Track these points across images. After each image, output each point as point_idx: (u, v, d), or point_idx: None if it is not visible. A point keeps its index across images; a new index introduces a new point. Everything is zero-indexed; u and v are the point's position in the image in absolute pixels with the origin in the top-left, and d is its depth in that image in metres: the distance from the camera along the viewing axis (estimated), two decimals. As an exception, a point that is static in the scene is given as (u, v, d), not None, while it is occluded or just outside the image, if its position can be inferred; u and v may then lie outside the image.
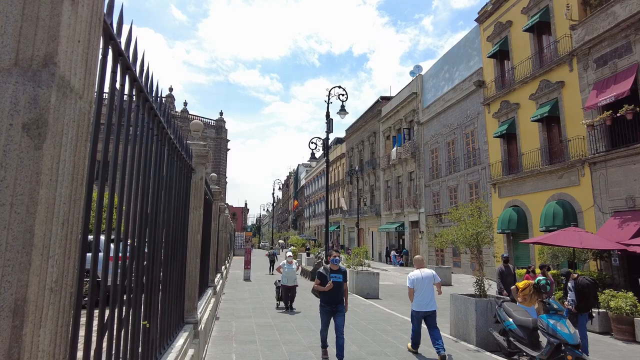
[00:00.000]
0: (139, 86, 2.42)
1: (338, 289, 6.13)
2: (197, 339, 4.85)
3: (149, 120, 2.80)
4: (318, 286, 6.20)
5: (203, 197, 5.59)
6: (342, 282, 6.18)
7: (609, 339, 9.02)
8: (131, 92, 2.38)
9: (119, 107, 2.13)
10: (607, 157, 14.12)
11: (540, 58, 18.31)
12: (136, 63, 2.29)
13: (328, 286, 6.07)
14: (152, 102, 2.88)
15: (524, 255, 18.98)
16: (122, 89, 2.13)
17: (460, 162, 24.72)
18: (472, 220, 7.84)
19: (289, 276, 10.58)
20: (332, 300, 6.11)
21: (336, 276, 6.19)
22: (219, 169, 63.55)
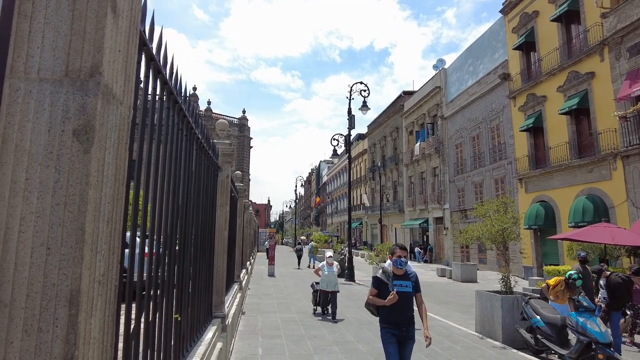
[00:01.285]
0: (169, 89, 2.51)
1: (406, 303, 4.20)
2: (224, 333, 4.99)
3: (178, 121, 2.90)
4: (375, 298, 4.30)
5: (229, 194, 5.71)
6: (412, 293, 4.28)
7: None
8: (162, 95, 2.48)
9: (151, 110, 2.23)
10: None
11: (568, 48, 17.76)
12: (166, 67, 2.38)
13: (390, 299, 4.08)
14: (182, 104, 2.99)
15: (552, 251, 18.53)
16: (154, 92, 2.23)
17: (485, 157, 24.27)
18: (498, 216, 7.73)
19: (329, 280, 9.13)
20: (399, 320, 4.18)
21: (403, 284, 4.24)
22: (242, 166, 64.36)
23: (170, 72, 2.50)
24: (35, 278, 0.99)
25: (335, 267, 9.58)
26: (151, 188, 2.42)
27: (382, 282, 4.29)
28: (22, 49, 1.06)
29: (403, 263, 4.27)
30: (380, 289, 4.30)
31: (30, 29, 1.07)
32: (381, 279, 4.32)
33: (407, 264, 4.33)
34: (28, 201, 1.02)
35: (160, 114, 2.42)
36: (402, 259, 4.26)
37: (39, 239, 1.01)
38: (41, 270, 1.00)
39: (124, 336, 1.91)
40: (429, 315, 9.67)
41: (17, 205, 1.01)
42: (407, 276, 4.32)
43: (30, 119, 1.04)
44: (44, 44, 1.07)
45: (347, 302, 11.20)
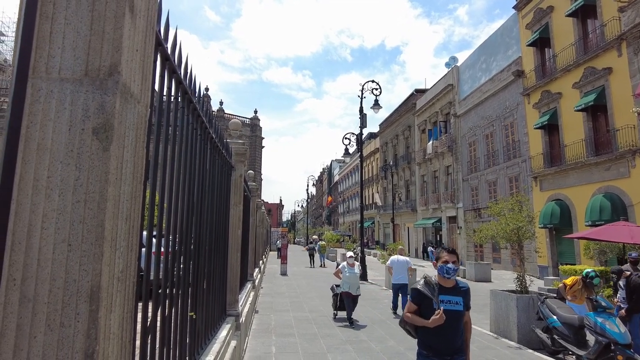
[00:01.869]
0: (183, 89, 2.54)
1: (455, 325, 3.19)
2: (238, 331, 5.02)
3: (192, 120, 2.93)
4: (414, 317, 3.28)
5: (242, 193, 5.75)
6: (463, 312, 3.27)
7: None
8: (177, 95, 2.51)
9: (166, 109, 2.25)
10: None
11: (584, 44, 17.44)
12: (180, 66, 2.41)
13: (435, 320, 3.10)
14: (196, 103, 3.01)
15: (568, 251, 18.23)
16: (169, 91, 2.25)
17: (499, 155, 23.98)
18: (513, 215, 7.63)
19: (352, 282, 8.58)
20: (444, 347, 3.18)
21: (452, 300, 3.23)
22: (254, 166, 64.66)
23: (184, 72, 2.52)
24: (57, 274, 1.01)
25: (357, 267, 9.00)
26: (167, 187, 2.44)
27: (424, 295, 3.24)
28: (43, 50, 1.08)
29: (451, 271, 3.22)
30: (421, 304, 3.26)
31: (52, 30, 1.09)
32: (423, 293, 3.26)
33: (456, 272, 3.26)
34: (50, 199, 1.04)
35: (175, 114, 2.44)
36: (450, 265, 3.22)
37: (60, 236, 1.03)
38: (63, 266, 1.02)
39: (140, 333, 1.94)
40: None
41: (40, 203, 1.03)
42: (458, 290, 3.30)
43: (52, 118, 1.06)
44: (65, 44, 1.09)
45: (360, 301, 11.16)
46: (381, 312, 9.54)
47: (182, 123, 2.66)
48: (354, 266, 8.90)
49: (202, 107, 3.16)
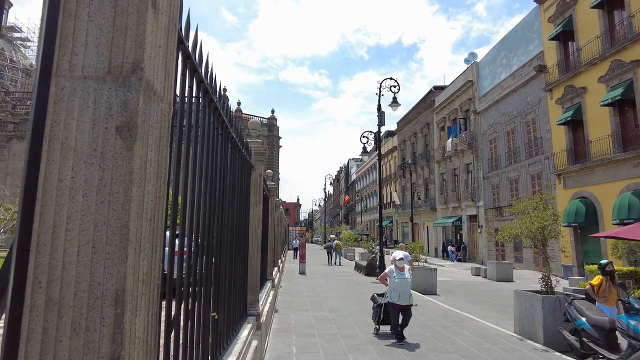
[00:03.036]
0: (204, 88, 2.52)
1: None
2: (259, 331, 5.01)
3: (213, 120, 2.91)
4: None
5: (262, 193, 5.74)
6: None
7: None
8: (198, 94, 2.49)
9: (188, 108, 2.23)
10: (692, 142, 12.78)
11: (611, 36, 16.89)
12: (202, 65, 2.38)
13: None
14: (217, 103, 3.00)
15: (594, 250, 17.71)
16: (190, 91, 2.23)
17: (521, 152, 23.47)
18: (538, 213, 7.42)
19: (402, 290, 6.93)
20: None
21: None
22: (272, 165, 64.97)
23: (205, 71, 2.50)
24: (82, 277, 0.99)
25: (408, 272, 7.26)
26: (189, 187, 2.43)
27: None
28: (67, 48, 1.06)
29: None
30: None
31: (75, 27, 1.07)
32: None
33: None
34: (74, 199, 1.01)
35: (197, 113, 2.43)
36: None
37: (84, 238, 1.00)
38: (87, 268, 0.99)
39: (164, 333, 1.93)
40: (464, 315, 9.46)
41: (64, 204, 1.01)
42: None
43: (75, 117, 1.04)
44: (88, 41, 1.07)
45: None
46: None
47: (203, 122, 2.65)
48: (405, 270, 7.18)
49: (222, 106, 3.14)
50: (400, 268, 7.14)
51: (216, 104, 2.94)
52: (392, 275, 7.09)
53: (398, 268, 7.13)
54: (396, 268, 7.14)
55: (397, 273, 7.07)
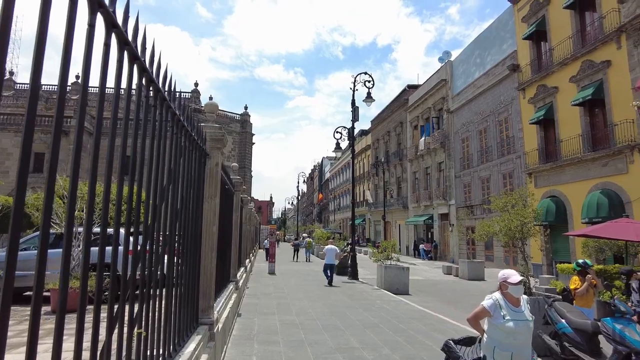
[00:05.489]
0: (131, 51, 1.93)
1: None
2: (212, 342, 4.37)
3: (141, 83, 2.26)
4: None
5: (219, 185, 5.08)
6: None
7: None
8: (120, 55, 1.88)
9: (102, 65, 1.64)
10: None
11: (582, 37, 17.01)
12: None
13: None
14: (151, 73, 2.35)
15: (563, 248, 17.86)
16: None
17: (493, 151, 23.56)
18: (517, 210, 7.07)
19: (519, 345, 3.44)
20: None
21: None
22: (244, 162, 63.74)
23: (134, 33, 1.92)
24: None
25: (527, 306, 3.64)
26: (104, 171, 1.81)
27: None
28: None
29: None
30: None
31: None
32: None
33: None
34: None
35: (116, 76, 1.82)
36: None
37: None
38: None
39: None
40: (438, 317, 9.06)
41: None
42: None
43: None
44: None
45: (349, 302, 10.58)
46: (374, 315, 8.94)
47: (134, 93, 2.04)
48: (522, 303, 3.60)
49: (157, 69, 2.48)
50: (514, 301, 3.51)
51: (143, 63, 2.31)
52: (498, 312, 3.44)
53: (509, 300, 3.50)
54: (505, 300, 3.50)
55: (507, 309, 3.44)
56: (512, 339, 3.39)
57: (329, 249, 14.72)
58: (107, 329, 1.88)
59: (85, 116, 10.23)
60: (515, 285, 3.49)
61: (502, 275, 3.62)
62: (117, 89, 1.90)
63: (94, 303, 1.74)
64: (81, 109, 1.54)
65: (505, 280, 3.55)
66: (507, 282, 3.54)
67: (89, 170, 1.68)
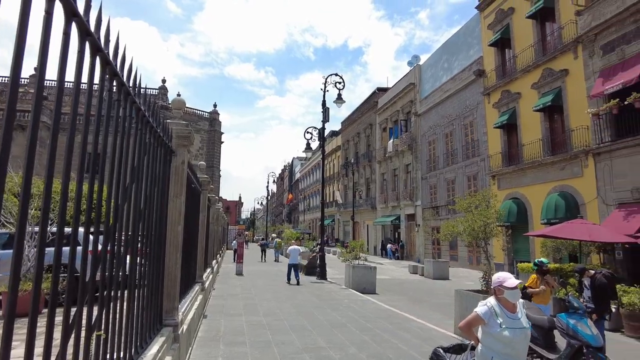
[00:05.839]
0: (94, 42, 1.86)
1: None
2: (176, 344, 4.28)
3: (104, 74, 2.18)
4: None
5: (186, 183, 4.98)
6: None
7: (621, 337, 8.56)
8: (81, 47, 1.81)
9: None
10: (612, 148, 13.65)
11: (543, 46, 17.76)
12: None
13: None
14: (115, 66, 2.27)
15: (523, 248, 18.56)
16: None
17: (458, 154, 24.21)
18: (481, 211, 7.30)
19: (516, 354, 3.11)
20: None
21: None
22: (212, 161, 62.69)
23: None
24: None
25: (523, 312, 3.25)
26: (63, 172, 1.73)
27: None
28: None
29: None
30: None
31: None
32: None
33: None
34: None
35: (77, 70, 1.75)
36: None
37: None
38: None
39: None
40: (404, 316, 9.23)
41: None
42: None
43: None
44: None
45: (317, 302, 10.61)
46: (342, 315, 9.00)
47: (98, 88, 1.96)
48: (518, 308, 3.23)
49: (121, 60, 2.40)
50: (511, 306, 3.18)
51: (114, 68, 2.24)
52: (494, 320, 3.12)
53: (505, 306, 3.17)
54: (501, 305, 3.17)
55: (504, 317, 3.12)
56: (511, 349, 3.11)
57: (293, 249, 15.40)
58: (63, 334, 1.81)
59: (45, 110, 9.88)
60: (511, 290, 3.18)
61: (497, 279, 3.29)
62: (78, 82, 1.83)
63: (48, 306, 1.67)
64: (36, 101, 1.47)
65: (501, 284, 3.23)
66: (502, 287, 3.21)
67: (45, 166, 1.61)
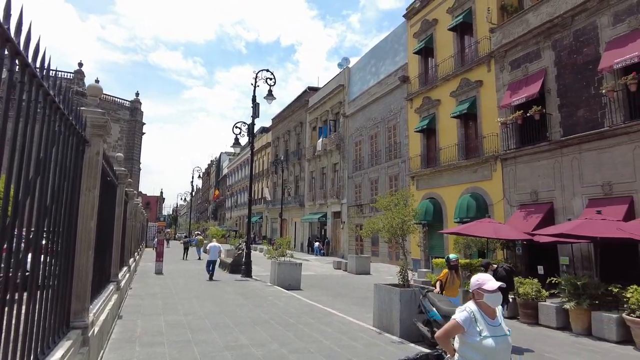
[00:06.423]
0: None
1: None
2: (85, 348, 4.00)
3: (5, 56, 1.98)
4: None
5: (100, 176, 4.66)
6: None
7: (516, 323, 9.55)
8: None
9: None
10: (516, 154, 15.12)
11: (461, 57, 19.13)
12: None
13: None
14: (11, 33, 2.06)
15: (438, 245, 19.88)
16: None
17: (382, 155, 25.27)
18: (399, 209, 7.72)
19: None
20: None
21: None
22: (132, 153, 59.05)
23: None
24: None
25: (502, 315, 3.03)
26: None
27: None
28: None
29: None
30: None
31: None
32: None
33: None
34: None
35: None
36: None
37: None
38: None
39: None
40: (327, 311, 9.47)
41: None
42: None
43: None
44: None
45: (241, 300, 10.49)
46: (265, 312, 8.99)
47: None
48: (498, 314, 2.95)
49: (25, 44, 2.19)
50: (491, 312, 2.90)
51: (8, 34, 2.03)
52: (473, 328, 2.81)
53: (485, 312, 2.87)
54: (480, 311, 2.88)
55: (484, 324, 2.83)
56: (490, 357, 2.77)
57: (213, 246, 15.81)
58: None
59: None
60: (492, 294, 2.84)
61: (476, 282, 2.92)
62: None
63: None
64: None
65: (480, 287, 2.87)
66: (481, 290, 2.86)
67: None
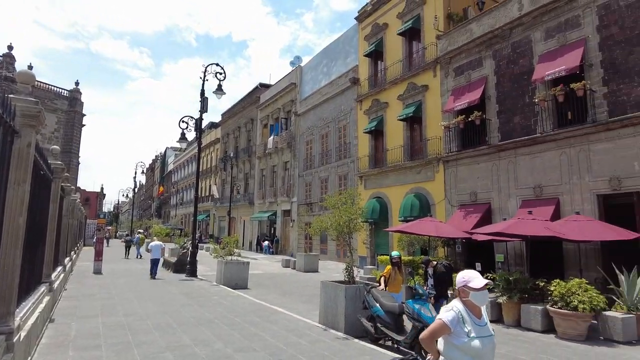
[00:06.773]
0: None
1: None
2: (9, 354, 3.73)
3: None
4: None
5: (32, 170, 4.37)
6: None
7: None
8: None
9: None
10: (458, 157, 15.91)
11: (409, 62, 19.79)
12: None
13: None
14: None
15: (384, 242, 20.47)
16: None
17: (332, 155, 25.59)
18: (346, 208, 7.89)
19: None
20: None
21: None
22: (70, 146, 55.35)
23: None
24: None
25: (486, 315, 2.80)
26: None
27: None
28: None
29: None
30: None
31: None
32: None
33: None
34: None
35: None
36: None
37: None
38: None
39: None
40: (274, 309, 9.45)
41: None
42: None
43: None
44: None
45: (185, 300, 10.22)
46: (209, 311, 8.83)
47: None
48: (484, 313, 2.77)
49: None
50: (477, 311, 2.73)
51: None
52: (460, 328, 2.63)
53: (472, 310, 2.71)
54: (468, 310, 2.70)
55: (472, 324, 2.65)
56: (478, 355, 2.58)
57: (154, 245, 15.63)
58: None
59: None
60: (478, 291, 2.65)
61: (462, 279, 2.73)
62: None
63: None
64: None
65: (466, 284, 2.69)
66: (467, 287, 2.68)
67: None
